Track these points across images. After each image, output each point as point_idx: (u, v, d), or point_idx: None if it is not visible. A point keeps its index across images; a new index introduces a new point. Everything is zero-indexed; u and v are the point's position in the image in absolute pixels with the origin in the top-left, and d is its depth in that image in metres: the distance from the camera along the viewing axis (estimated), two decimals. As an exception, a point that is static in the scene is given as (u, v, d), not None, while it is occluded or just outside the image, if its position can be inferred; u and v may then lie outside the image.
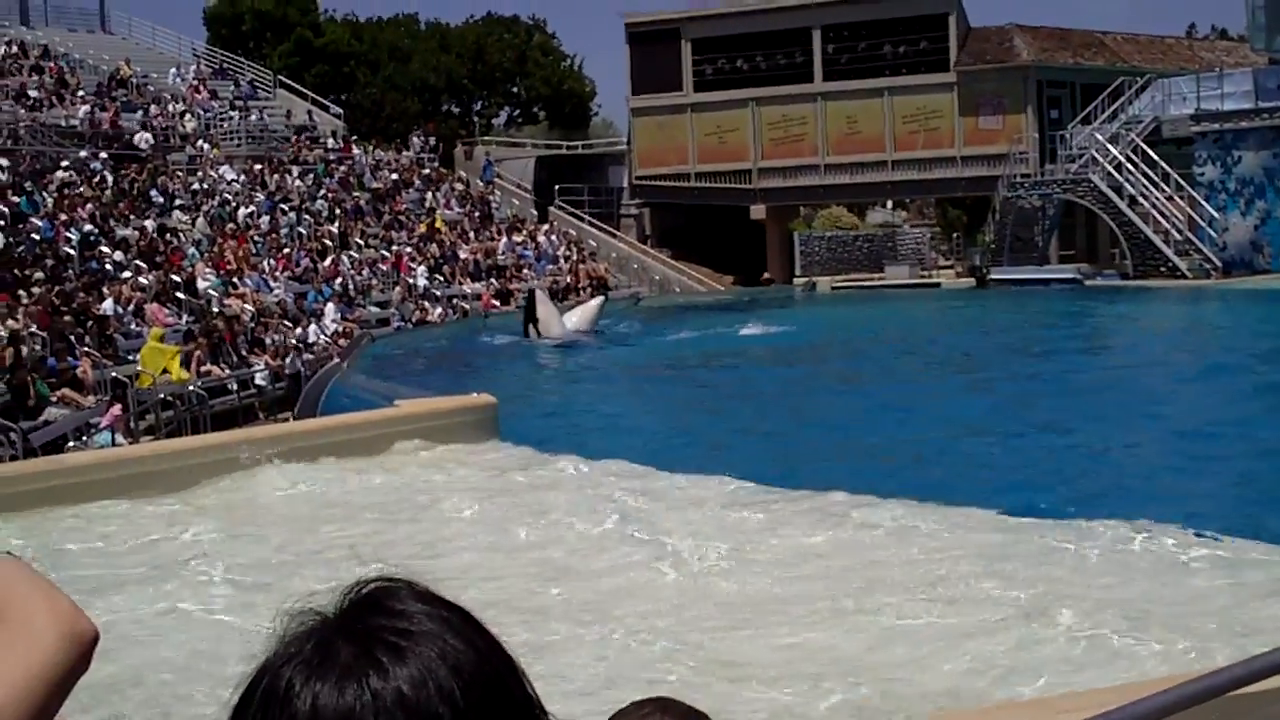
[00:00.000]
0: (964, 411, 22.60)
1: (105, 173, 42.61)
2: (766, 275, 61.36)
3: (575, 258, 55.99)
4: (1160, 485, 16.05)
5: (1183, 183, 50.67)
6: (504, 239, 54.16)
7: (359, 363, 30.33)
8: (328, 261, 43.14)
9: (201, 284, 35.34)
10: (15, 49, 52.88)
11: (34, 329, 25.97)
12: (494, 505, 14.76)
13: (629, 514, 13.89)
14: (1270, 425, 19.85)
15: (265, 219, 44.85)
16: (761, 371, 30.60)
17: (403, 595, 1.44)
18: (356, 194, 51.73)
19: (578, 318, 40.03)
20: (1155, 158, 50.54)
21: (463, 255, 50.69)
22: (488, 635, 1.44)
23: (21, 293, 28.62)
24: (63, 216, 36.00)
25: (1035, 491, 15.34)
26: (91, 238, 35.46)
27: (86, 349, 26.31)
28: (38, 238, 33.85)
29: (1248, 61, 55.10)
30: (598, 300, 42.66)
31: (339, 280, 41.74)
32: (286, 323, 35.24)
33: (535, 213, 61.77)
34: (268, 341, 32.42)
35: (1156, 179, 50.41)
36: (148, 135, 48.46)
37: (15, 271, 30.09)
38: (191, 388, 26.31)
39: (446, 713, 1.35)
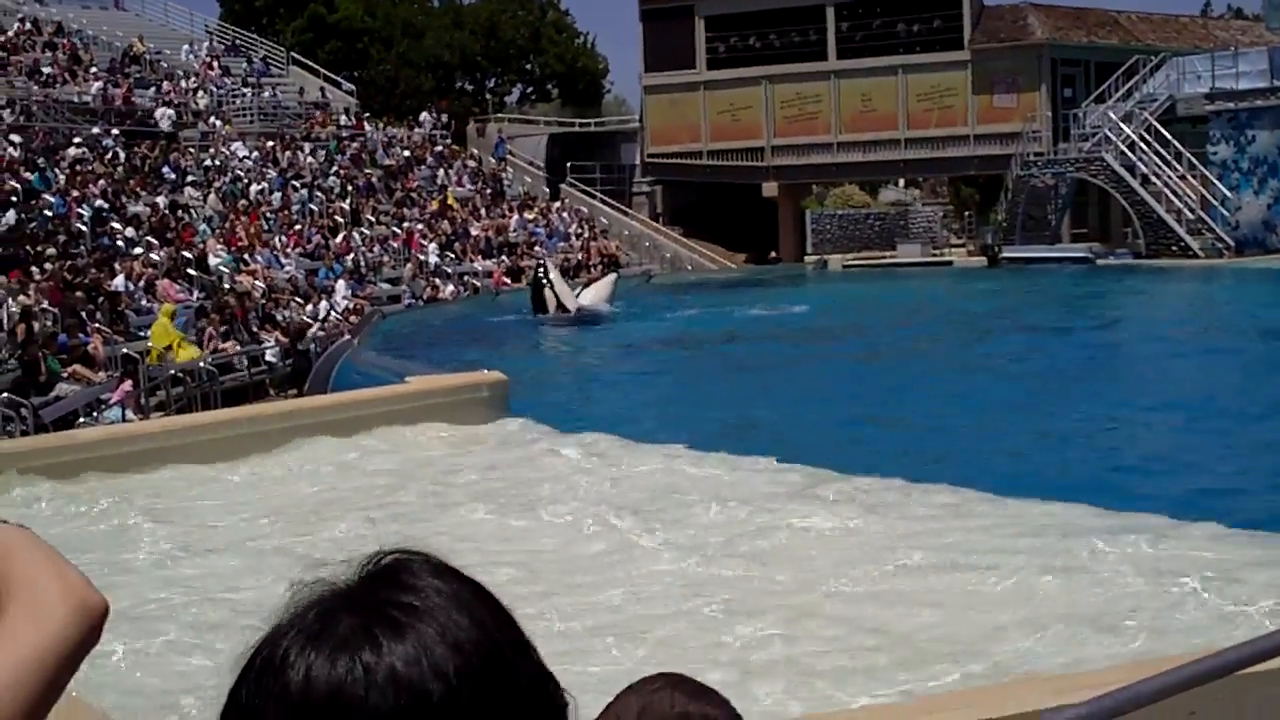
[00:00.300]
0: (978, 392, 22.61)
1: (117, 149, 42.65)
2: (774, 254, 61.26)
3: (587, 235, 55.95)
4: (1177, 467, 16.02)
5: (1196, 162, 50.55)
6: (515, 216, 54.12)
7: (370, 339, 30.36)
8: (339, 238, 43.15)
9: (213, 260, 35.38)
10: (29, 26, 52.88)
11: (45, 305, 25.98)
12: (505, 482, 14.77)
13: (645, 491, 13.90)
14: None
15: (277, 196, 44.89)
16: (774, 350, 30.56)
17: (418, 569, 1.42)
18: (368, 171, 51.71)
19: (592, 295, 39.77)
20: (1169, 137, 50.41)
21: (474, 232, 50.68)
22: (499, 613, 1.43)
23: (34, 269, 28.67)
24: (75, 193, 36.04)
25: (1053, 472, 15.36)
26: (103, 214, 35.51)
27: (98, 325, 26.33)
28: (50, 214, 33.88)
29: (1263, 40, 54.85)
30: (610, 277, 42.35)
31: (350, 257, 41.74)
32: (298, 299, 35.25)
33: (547, 190, 61.66)
34: (279, 318, 32.42)
35: (1170, 158, 50.29)
36: (170, 112, 48.52)
37: (27, 248, 30.14)
38: (202, 364, 26.32)
39: (439, 689, 1.34)
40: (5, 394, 21.04)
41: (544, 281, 38.61)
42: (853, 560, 11.07)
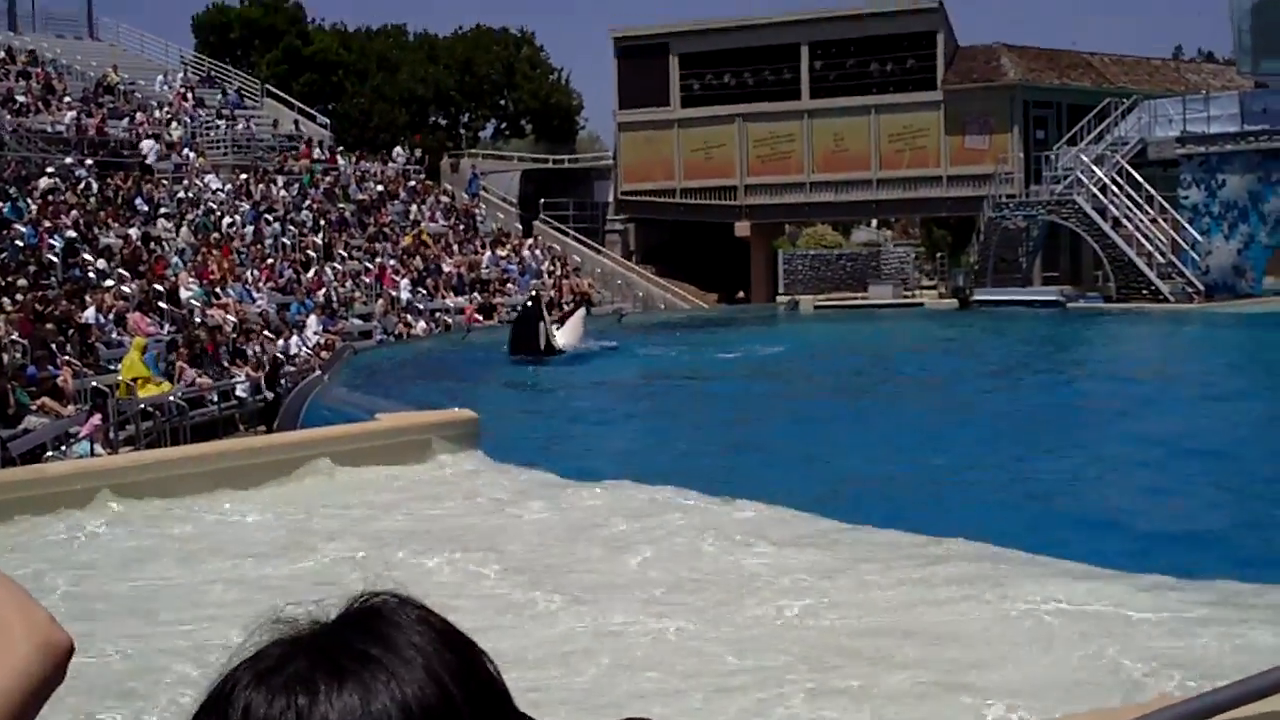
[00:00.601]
0: (938, 435, 22.62)
1: (90, 180, 42.60)
2: (741, 295, 61.31)
3: (559, 273, 55.97)
4: (1145, 515, 16.05)
5: (1167, 205, 50.80)
6: (488, 253, 54.15)
7: (341, 376, 30.28)
8: (311, 273, 43.12)
9: (184, 294, 35.32)
10: (2, 54, 52.87)
11: (15, 336, 25.92)
12: (476, 522, 14.74)
13: (622, 533, 13.85)
14: (1250, 451, 19.92)
15: (249, 229, 44.85)
16: (749, 391, 30.61)
17: (392, 615, 1.41)
18: (341, 205, 51.71)
19: (569, 334, 39.18)
20: (1140, 180, 50.65)
21: (446, 269, 50.67)
22: (468, 668, 1.41)
23: (4, 299, 28.59)
24: (46, 223, 35.98)
25: (1024, 517, 15.38)
26: (75, 245, 35.45)
27: (68, 358, 26.28)
28: (21, 244, 33.82)
29: (1234, 85, 55.23)
30: (580, 313, 41.59)
31: (322, 292, 41.69)
32: (269, 334, 35.19)
33: (520, 227, 61.76)
34: (249, 353, 32.37)
35: (1141, 201, 50.53)
36: (156, 145, 48.57)
37: (-3, 278, 30.07)
38: (172, 398, 26.26)
39: None
40: (-27, 426, 20.98)
41: (539, 315, 37.91)
42: (808, 595, 11.06)
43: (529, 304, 39.14)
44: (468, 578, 12.38)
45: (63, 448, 21.98)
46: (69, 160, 43.57)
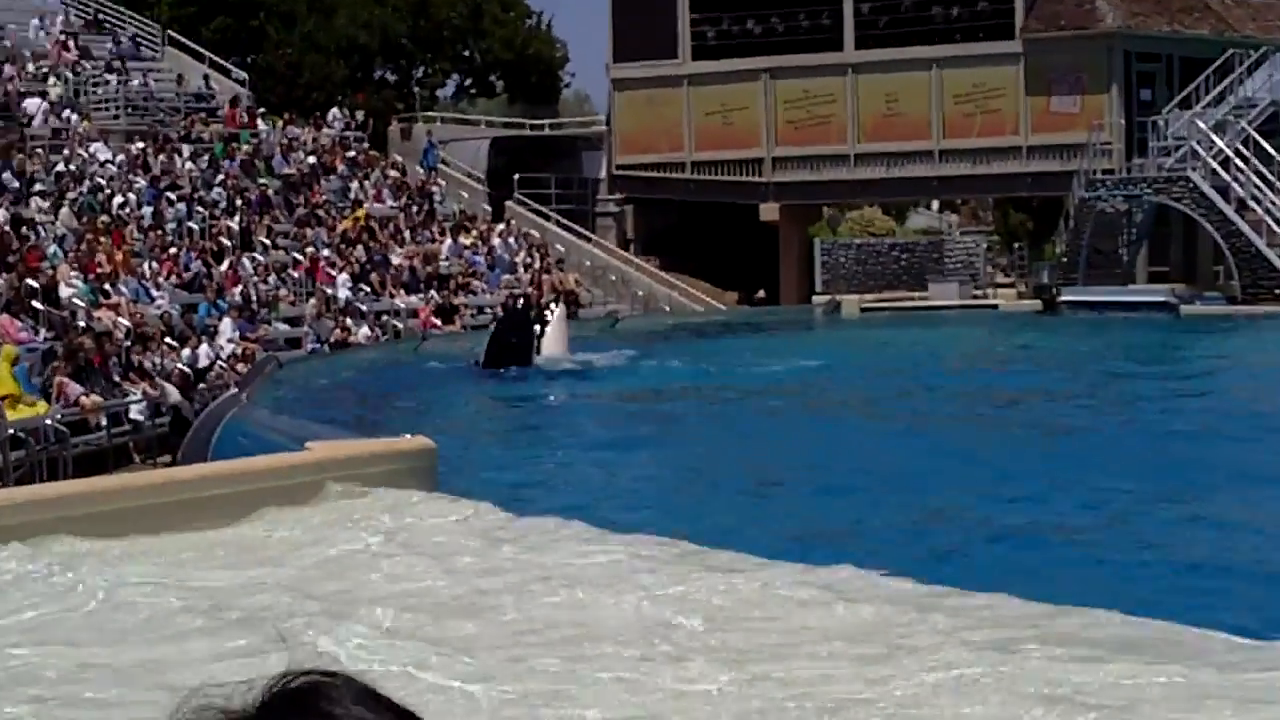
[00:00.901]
0: (1029, 475, 22.56)
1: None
2: (760, 294, 61.17)
3: (538, 266, 55.85)
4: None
5: (1306, 184, 50.78)
6: (449, 241, 54.12)
7: (262, 394, 30.11)
8: (225, 266, 43.00)
9: (65, 291, 35.16)
10: None
11: None
12: (431, 577, 14.48)
13: (615, 591, 13.61)
14: None
15: (148, 211, 44.69)
16: (777, 416, 30.57)
17: (337, 695, 1.35)
18: (263, 181, 51.58)
19: (553, 342, 38.59)
20: (1272, 151, 50.53)
21: (396, 261, 50.61)
22: None
23: None
24: (-111, 202, 35.89)
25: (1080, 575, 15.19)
26: (-75, 230, 35.34)
27: (-85, 370, 26.12)
28: None
29: (1390, 33, 55.29)
30: (560, 313, 41.18)
31: (238, 290, 41.57)
32: (171, 341, 35.02)
33: (489, 208, 61.75)
34: (147, 365, 32.18)
35: (1273, 178, 50.40)
36: (44, 104, 48.51)
37: None
38: (49, 422, 26.03)
39: None
40: None
41: (530, 320, 37.68)
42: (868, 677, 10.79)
43: (518, 306, 38.91)
44: (420, 648, 12.10)
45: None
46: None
